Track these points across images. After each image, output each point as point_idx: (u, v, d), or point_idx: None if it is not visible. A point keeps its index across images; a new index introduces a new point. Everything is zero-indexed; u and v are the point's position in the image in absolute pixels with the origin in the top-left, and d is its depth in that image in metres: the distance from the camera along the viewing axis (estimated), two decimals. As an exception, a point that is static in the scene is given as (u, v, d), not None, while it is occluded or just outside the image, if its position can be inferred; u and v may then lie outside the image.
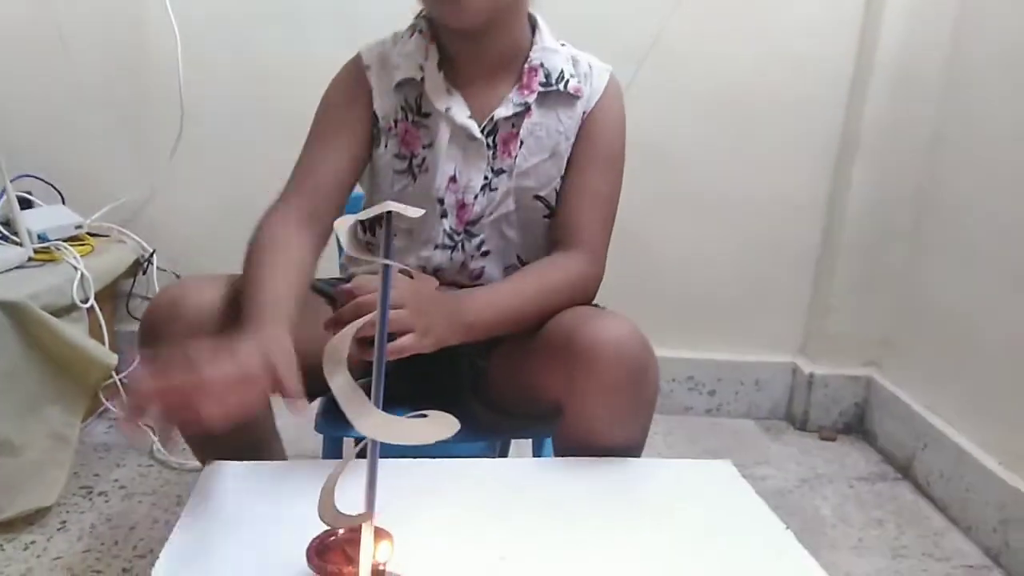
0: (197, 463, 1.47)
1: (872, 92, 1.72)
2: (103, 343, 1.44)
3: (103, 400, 1.67)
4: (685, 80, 1.75)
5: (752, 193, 1.83)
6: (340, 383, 0.50)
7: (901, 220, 1.78)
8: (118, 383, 1.65)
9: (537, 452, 1.14)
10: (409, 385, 0.99)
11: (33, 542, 1.24)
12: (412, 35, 0.99)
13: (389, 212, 0.50)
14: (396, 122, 0.98)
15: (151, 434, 1.56)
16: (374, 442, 0.55)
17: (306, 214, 0.92)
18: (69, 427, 1.35)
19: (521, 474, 0.84)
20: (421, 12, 0.99)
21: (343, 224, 0.51)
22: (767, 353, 1.93)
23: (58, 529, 1.28)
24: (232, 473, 0.79)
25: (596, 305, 0.99)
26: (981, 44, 1.59)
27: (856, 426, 1.90)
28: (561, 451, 0.88)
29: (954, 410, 1.59)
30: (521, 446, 1.29)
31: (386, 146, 0.99)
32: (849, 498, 1.60)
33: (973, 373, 1.53)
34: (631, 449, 0.86)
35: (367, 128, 0.98)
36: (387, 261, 0.50)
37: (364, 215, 0.51)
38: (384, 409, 0.52)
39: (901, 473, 1.70)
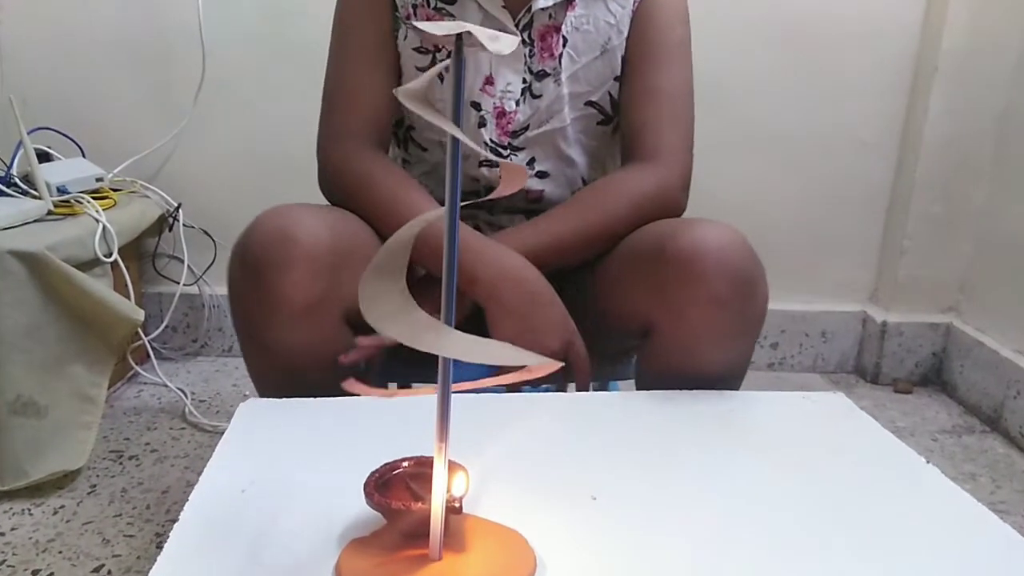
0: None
1: (952, 10, 1.55)
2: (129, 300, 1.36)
3: (132, 364, 1.59)
4: (740, 9, 1.61)
5: (817, 128, 1.68)
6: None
7: (982, 152, 1.63)
8: (147, 346, 1.58)
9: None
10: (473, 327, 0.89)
11: (62, 506, 1.16)
12: None
13: (459, 38, 0.38)
14: (416, 7, 0.86)
15: (183, 396, 1.49)
16: (447, 364, 0.44)
17: (375, 142, 0.85)
18: (95, 387, 1.27)
19: (603, 407, 0.72)
20: None
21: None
22: (834, 302, 1.79)
23: (88, 493, 1.20)
24: (270, 410, 0.68)
25: None
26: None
27: (934, 377, 1.76)
28: (648, 377, 0.77)
29: (1051, 353, 1.44)
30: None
31: (405, 37, 0.87)
32: (935, 452, 1.46)
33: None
34: (731, 378, 0.74)
35: (393, 26, 0.87)
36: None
37: (432, 26, 0.38)
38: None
39: (989, 425, 1.56)
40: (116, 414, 1.46)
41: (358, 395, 0.47)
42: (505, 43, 0.39)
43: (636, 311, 0.75)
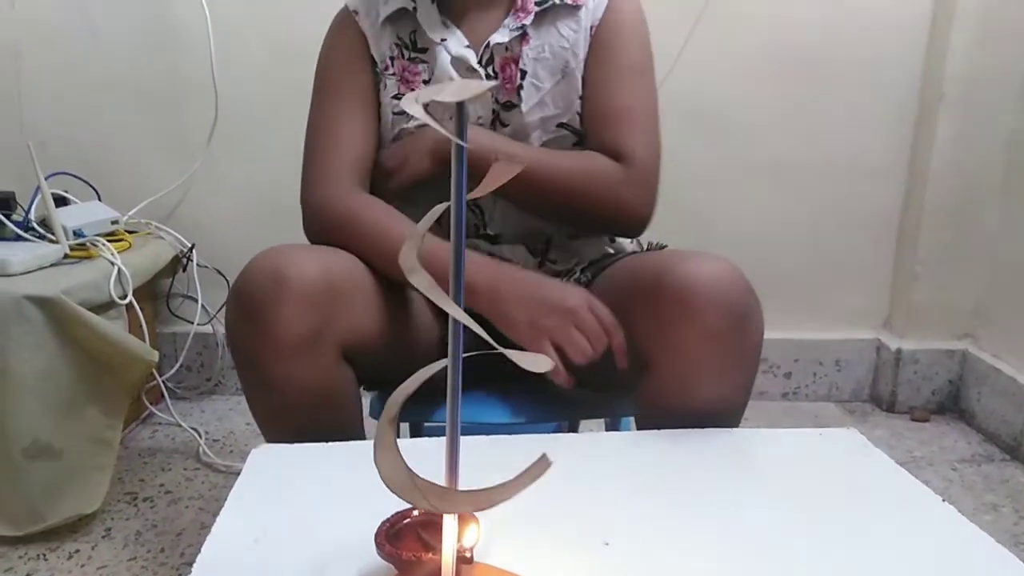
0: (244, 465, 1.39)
1: (955, 37, 1.56)
2: (143, 342, 1.37)
3: (147, 404, 1.60)
4: (744, 39, 1.63)
5: (825, 155, 1.69)
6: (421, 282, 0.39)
7: (991, 177, 1.62)
8: (161, 386, 1.59)
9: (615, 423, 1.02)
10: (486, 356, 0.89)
11: (77, 551, 1.16)
12: None
13: (461, 104, 0.39)
14: (392, 60, 0.91)
15: (197, 436, 1.50)
16: (455, 410, 0.45)
17: (356, 183, 0.87)
18: (111, 429, 1.28)
19: (611, 449, 0.72)
20: None
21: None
22: (847, 329, 1.78)
23: (103, 537, 1.20)
24: (282, 456, 0.69)
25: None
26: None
27: (951, 405, 1.74)
28: (646, 415, 0.77)
29: (1070, 380, 1.43)
30: (591, 427, 1.17)
31: (384, 87, 0.91)
32: (954, 483, 1.44)
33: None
34: (730, 412, 0.74)
35: (373, 79, 0.92)
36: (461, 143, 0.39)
37: (411, 105, 0.39)
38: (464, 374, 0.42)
39: (1009, 453, 1.54)
40: (131, 455, 1.47)
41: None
42: (481, 86, 0.40)
43: (636, 343, 0.75)
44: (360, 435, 0.79)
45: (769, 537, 0.56)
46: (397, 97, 0.91)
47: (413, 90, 0.91)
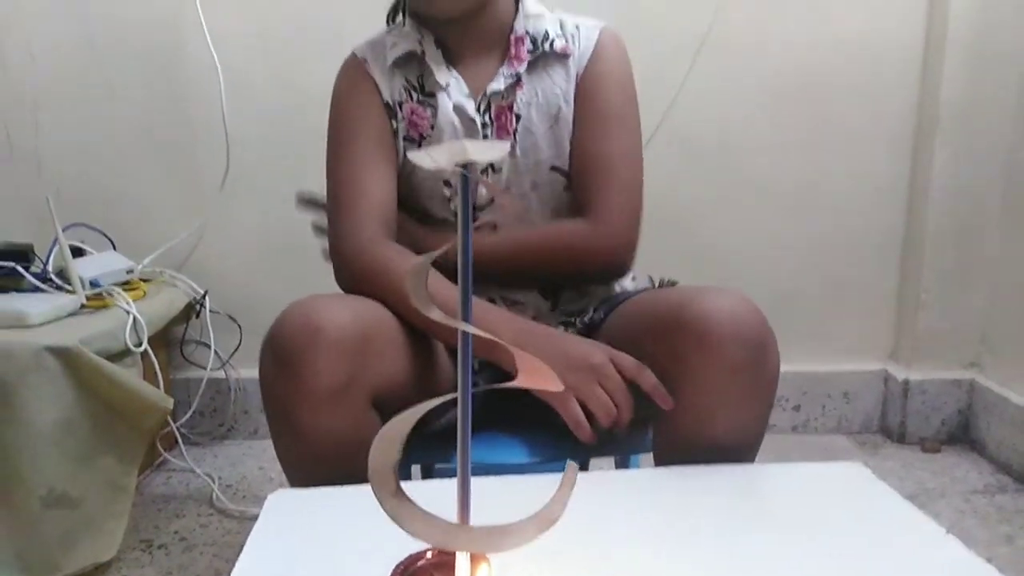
0: (259, 510, 1.40)
1: (947, 66, 1.60)
2: (158, 389, 1.39)
3: (160, 450, 1.62)
4: (744, 69, 1.67)
5: (824, 183, 1.72)
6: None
7: (990, 201, 1.65)
8: (175, 431, 1.60)
9: (616, 449, 1.03)
10: (484, 382, 0.92)
11: (93, 599, 1.17)
12: (404, 23, 0.97)
13: (465, 172, 0.42)
14: (401, 104, 0.95)
15: (211, 482, 1.51)
16: (465, 453, 0.47)
17: (385, 233, 0.90)
18: (126, 476, 1.29)
19: (624, 486, 0.74)
20: (406, 5, 0.98)
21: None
22: (854, 360, 1.79)
23: (118, 585, 1.21)
24: (298, 501, 0.70)
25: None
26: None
27: (961, 435, 1.73)
28: (664, 447, 0.78)
29: (1078, 407, 1.43)
30: (601, 464, 1.18)
31: (396, 128, 0.95)
32: (967, 514, 1.44)
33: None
34: (747, 445, 0.75)
35: (387, 123, 0.95)
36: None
37: (421, 157, 0.42)
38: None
39: (1022, 483, 1.54)
40: (145, 502, 1.48)
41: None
42: (497, 150, 0.42)
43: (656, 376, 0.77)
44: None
45: (776, 574, 0.57)
46: (407, 138, 0.94)
47: (420, 133, 0.95)
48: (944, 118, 1.62)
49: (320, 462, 0.74)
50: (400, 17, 1.01)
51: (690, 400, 0.74)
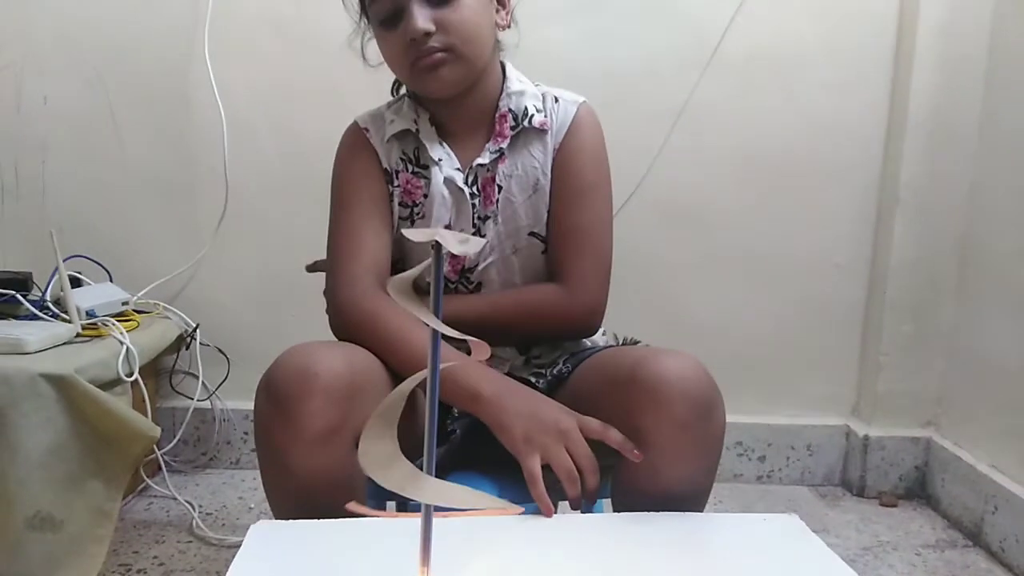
0: (237, 539, 1.45)
1: (907, 148, 1.71)
2: (146, 417, 1.44)
3: (143, 477, 1.66)
4: (717, 143, 1.77)
5: (792, 253, 1.81)
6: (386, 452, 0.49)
7: (946, 275, 1.75)
8: (159, 459, 1.65)
9: (586, 509, 1.10)
10: (461, 430, 0.98)
11: (72, 621, 1.21)
12: (403, 101, 1.05)
13: (440, 245, 0.50)
14: (397, 173, 1.02)
15: (191, 509, 1.55)
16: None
17: (379, 286, 0.96)
18: (111, 501, 1.34)
19: (579, 530, 0.80)
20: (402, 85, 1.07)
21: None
22: (818, 416, 1.87)
23: (97, 608, 1.25)
24: (278, 532, 0.76)
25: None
26: (1015, 92, 1.59)
27: (918, 490, 1.81)
28: (620, 495, 0.84)
29: (1022, 468, 1.50)
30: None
31: (392, 194, 1.03)
32: (917, 567, 1.50)
33: (1040, 429, 1.46)
34: (696, 495, 0.82)
35: (386, 189, 1.03)
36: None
37: (414, 234, 0.50)
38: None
39: (971, 540, 1.61)
40: (126, 527, 1.52)
41: (361, 515, 0.55)
42: (472, 245, 0.50)
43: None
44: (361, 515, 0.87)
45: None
46: (402, 204, 1.03)
47: (414, 200, 1.03)
48: (904, 197, 1.73)
49: (308, 497, 0.79)
50: (402, 89, 1.09)
51: (643, 452, 0.80)
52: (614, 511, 0.89)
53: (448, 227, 1.02)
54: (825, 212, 1.80)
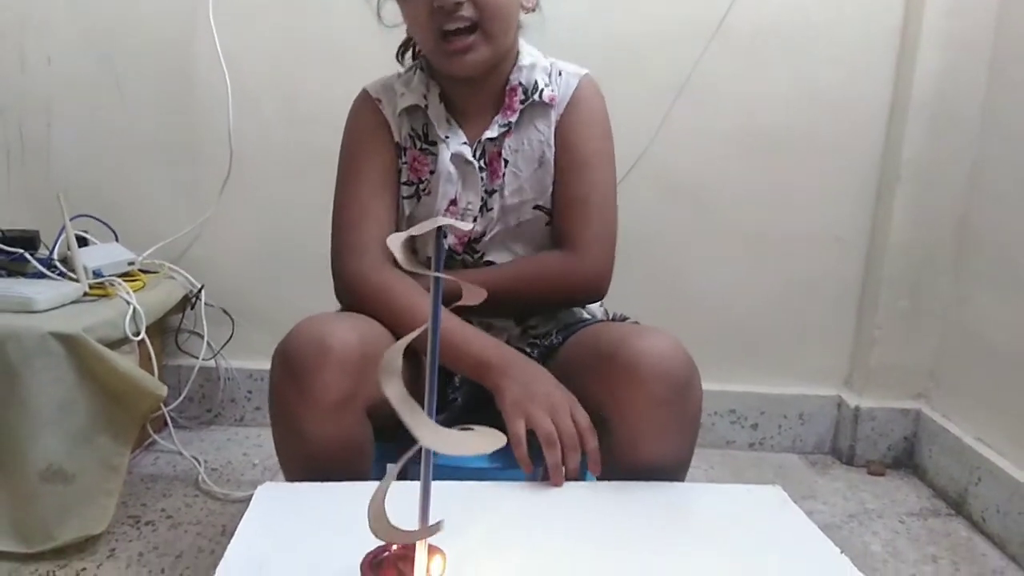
0: (241, 494, 1.50)
1: (910, 126, 1.71)
2: (152, 375, 1.47)
3: (150, 432, 1.71)
4: (720, 118, 1.77)
5: (792, 228, 1.82)
6: (395, 393, 0.51)
7: (944, 252, 1.76)
8: (166, 415, 1.69)
9: (578, 477, 1.13)
10: (462, 399, 1.01)
11: (84, 569, 1.26)
12: (415, 72, 1.05)
13: (440, 227, 0.52)
14: (405, 150, 1.03)
15: (197, 464, 1.60)
16: (428, 458, 0.56)
17: (386, 257, 0.97)
18: (119, 456, 1.38)
19: (568, 497, 0.84)
20: (418, 52, 1.07)
21: (396, 240, 0.52)
22: (811, 386, 1.90)
23: (107, 557, 1.30)
24: (284, 493, 0.80)
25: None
26: (1019, 75, 1.59)
27: (906, 460, 1.85)
28: (606, 468, 0.88)
29: (1007, 442, 1.54)
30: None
31: (400, 168, 1.04)
32: (900, 534, 1.55)
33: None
34: (676, 468, 0.85)
35: (394, 161, 1.04)
36: (437, 274, 0.52)
37: (417, 230, 0.53)
38: (451, 426, 0.54)
39: (954, 509, 1.65)
40: (134, 481, 1.57)
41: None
42: (463, 226, 0.53)
43: (594, 405, 0.87)
44: (367, 478, 0.91)
45: (688, 579, 0.67)
46: (407, 183, 1.04)
47: (420, 177, 1.04)
48: (905, 175, 1.73)
49: (319, 462, 0.83)
50: (408, 54, 1.09)
51: (622, 428, 0.83)
52: (598, 480, 0.92)
53: (454, 202, 1.03)
54: (826, 188, 1.81)
